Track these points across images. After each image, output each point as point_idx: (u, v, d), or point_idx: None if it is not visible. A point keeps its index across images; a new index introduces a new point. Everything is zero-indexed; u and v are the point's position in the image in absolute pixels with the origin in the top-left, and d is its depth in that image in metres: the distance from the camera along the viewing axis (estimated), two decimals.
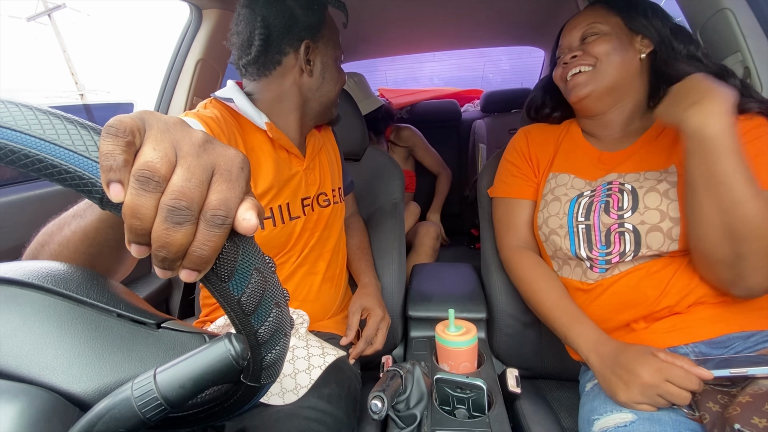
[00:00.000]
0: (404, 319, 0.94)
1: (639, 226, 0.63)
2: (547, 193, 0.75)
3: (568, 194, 0.72)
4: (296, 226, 0.74)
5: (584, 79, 0.70)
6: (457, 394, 0.63)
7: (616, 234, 0.65)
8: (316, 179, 0.80)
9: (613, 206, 0.66)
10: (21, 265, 0.31)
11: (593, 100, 0.71)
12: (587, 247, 0.68)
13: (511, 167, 0.83)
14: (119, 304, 0.31)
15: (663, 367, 0.52)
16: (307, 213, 0.76)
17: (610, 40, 0.68)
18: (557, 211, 0.72)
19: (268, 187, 0.68)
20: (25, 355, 0.26)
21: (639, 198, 0.64)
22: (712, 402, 0.52)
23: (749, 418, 0.45)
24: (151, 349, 0.30)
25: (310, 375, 0.65)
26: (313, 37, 0.69)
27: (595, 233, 0.67)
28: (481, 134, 1.92)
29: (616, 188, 0.67)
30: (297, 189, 0.74)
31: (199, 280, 0.23)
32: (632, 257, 0.63)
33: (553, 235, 0.72)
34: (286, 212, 0.72)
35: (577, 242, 0.69)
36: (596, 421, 0.58)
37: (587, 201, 0.69)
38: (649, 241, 0.62)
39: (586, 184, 0.71)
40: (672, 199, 0.61)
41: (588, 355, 0.61)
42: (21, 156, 0.20)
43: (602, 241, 0.66)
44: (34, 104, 0.21)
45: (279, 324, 0.28)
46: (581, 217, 0.69)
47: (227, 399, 0.32)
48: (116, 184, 0.20)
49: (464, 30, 1.56)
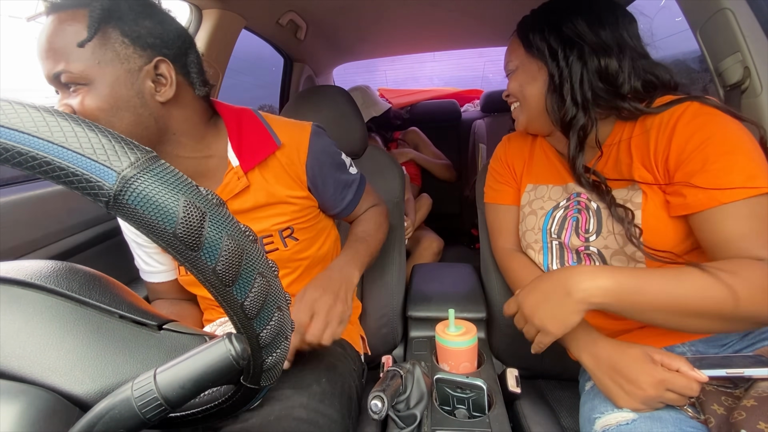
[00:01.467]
0: (404, 319, 0.94)
1: (603, 250, 0.63)
2: (525, 206, 0.76)
3: (545, 207, 0.72)
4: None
5: (517, 114, 0.73)
6: (457, 394, 0.63)
7: (584, 254, 0.66)
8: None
9: (582, 227, 0.66)
10: (23, 265, 0.31)
11: (533, 128, 0.73)
12: (559, 263, 0.69)
13: (495, 174, 0.84)
14: (121, 305, 0.31)
15: (666, 379, 0.51)
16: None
17: (517, 77, 0.69)
18: (533, 225, 0.73)
19: None
20: (27, 356, 0.26)
21: (602, 221, 0.63)
22: (717, 404, 0.52)
23: (755, 424, 0.45)
24: (152, 351, 0.30)
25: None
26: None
27: (567, 251, 0.68)
28: (481, 134, 1.92)
29: (583, 204, 0.67)
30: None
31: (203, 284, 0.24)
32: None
33: (529, 249, 0.73)
34: None
35: (550, 257, 0.70)
36: (597, 419, 0.58)
37: (561, 215, 0.69)
38: (615, 263, 0.62)
39: (563, 190, 0.71)
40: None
41: (580, 355, 0.61)
42: (28, 158, 0.20)
43: (574, 258, 0.67)
44: (41, 105, 0.21)
45: (280, 327, 0.28)
46: (554, 234, 0.69)
47: (227, 400, 0.32)
48: None
49: (464, 30, 1.56)
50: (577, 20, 0.61)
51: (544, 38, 0.64)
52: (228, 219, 0.24)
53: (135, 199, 0.21)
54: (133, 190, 0.21)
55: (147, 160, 0.22)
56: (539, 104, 0.67)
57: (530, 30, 0.66)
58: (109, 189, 0.21)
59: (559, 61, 0.62)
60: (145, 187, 0.21)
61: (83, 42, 0.51)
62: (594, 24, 0.61)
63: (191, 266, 0.23)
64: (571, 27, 0.61)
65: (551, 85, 0.64)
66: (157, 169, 0.22)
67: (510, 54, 0.72)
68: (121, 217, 0.22)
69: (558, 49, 0.62)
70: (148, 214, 0.21)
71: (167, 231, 0.22)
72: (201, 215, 0.22)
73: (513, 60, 0.71)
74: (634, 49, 0.62)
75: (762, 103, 0.73)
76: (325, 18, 1.32)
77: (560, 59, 0.62)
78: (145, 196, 0.21)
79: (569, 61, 0.61)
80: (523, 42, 0.68)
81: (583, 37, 0.61)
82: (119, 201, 0.21)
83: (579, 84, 0.61)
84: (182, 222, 0.22)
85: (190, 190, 0.22)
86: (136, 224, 0.22)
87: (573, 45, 0.61)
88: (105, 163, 0.21)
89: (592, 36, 0.60)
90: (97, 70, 0.53)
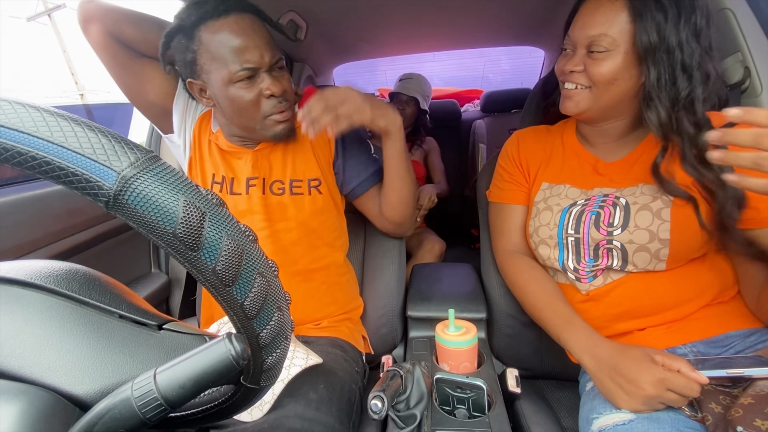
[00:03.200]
0: (404, 319, 0.94)
1: (627, 245, 0.62)
2: (539, 202, 0.74)
3: (561, 204, 0.70)
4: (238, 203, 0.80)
5: (578, 97, 0.64)
6: (457, 394, 0.63)
7: (604, 249, 0.64)
8: (266, 166, 0.81)
9: (604, 220, 0.64)
10: (23, 265, 0.31)
11: (585, 117, 0.68)
12: (575, 259, 0.68)
13: (503, 173, 0.82)
14: (121, 305, 0.31)
15: (665, 378, 0.52)
16: (251, 193, 0.80)
17: (614, 63, 0.59)
18: (548, 221, 0.70)
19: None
20: (27, 356, 0.26)
21: (630, 215, 0.62)
22: (714, 403, 0.52)
23: (751, 421, 0.45)
24: (152, 351, 0.30)
25: (273, 389, 0.60)
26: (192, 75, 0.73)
27: (584, 247, 0.66)
28: (481, 134, 1.92)
29: (610, 201, 0.65)
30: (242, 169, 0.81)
31: (203, 284, 0.24)
32: (620, 272, 0.64)
33: (543, 245, 0.71)
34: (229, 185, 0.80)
35: (566, 254, 0.68)
36: (595, 420, 0.58)
37: (579, 210, 0.67)
38: (636, 260, 0.61)
39: (582, 193, 0.69)
40: (664, 219, 0.59)
41: (581, 356, 0.61)
42: (28, 158, 0.20)
43: (591, 255, 0.66)
44: (41, 105, 0.21)
45: (280, 327, 0.28)
46: (571, 230, 0.67)
47: (227, 400, 0.32)
48: None
49: (464, 30, 1.56)
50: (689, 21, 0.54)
51: (676, 25, 0.54)
52: (228, 219, 0.24)
53: (135, 199, 0.21)
54: (133, 190, 0.21)
55: (147, 160, 0.22)
56: (615, 96, 0.61)
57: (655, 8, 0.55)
58: (108, 189, 0.21)
59: (682, 40, 0.53)
60: (145, 187, 0.21)
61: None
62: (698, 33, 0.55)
63: (191, 266, 0.23)
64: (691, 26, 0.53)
65: (665, 73, 0.55)
66: (157, 169, 0.22)
67: (611, 23, 0.57)
68: (121, 217, 0.22)
69: (681, 18, 0.53)
70: (148, 214, 0.21)
71: (167, 231, 0.22)
72: (201, 215, 0.22)
73: (612, 37, 0.57)
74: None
75: (762, 103, 0.73)
76: (325, 18, 1.32)
77: (681, 33, 0.53)
78: (144, 196, 0.21)
79: (688, 38, 0.52)
80: (631, 10, 0.56)
81: (697, 7, 0.53)
82: (119, 201, 0.21)
83: (698, 70, 0.53)
84: (182, 222, 0.22)
85: (189, 190, 0.22)
86: (135, 224, 0.22)
87: (690, 13, 0.53)
88: (105, 163, 0.21)
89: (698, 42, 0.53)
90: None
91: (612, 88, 0.60)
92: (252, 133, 0.77)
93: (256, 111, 0.72)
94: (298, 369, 0.63)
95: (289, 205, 0.81)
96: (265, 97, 0.71)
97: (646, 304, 0.63)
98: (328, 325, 0.83)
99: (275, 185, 0.81)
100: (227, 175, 0.80)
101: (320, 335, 0.81)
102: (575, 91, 0.64)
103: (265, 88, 0.70)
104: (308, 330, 0.82)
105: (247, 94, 0.70)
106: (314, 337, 0.80)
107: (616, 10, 0.57)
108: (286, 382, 0.61)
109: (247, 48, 0.67)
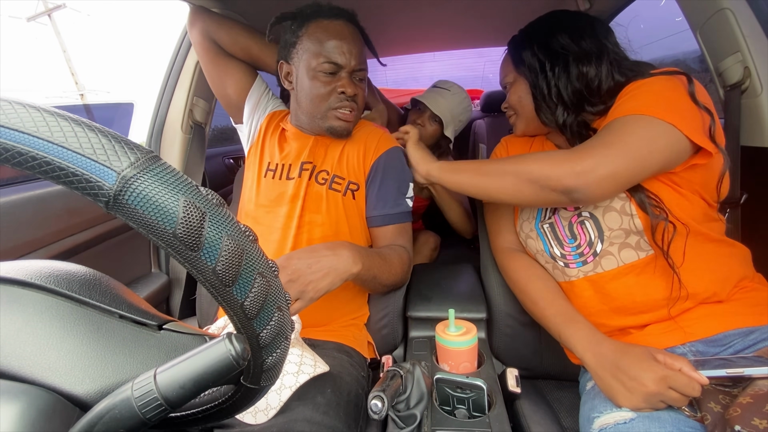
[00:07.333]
0: (404, 319, 0.94)
1: (594, 210, 0.66)
2: None
3: None
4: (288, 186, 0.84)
5: (514, 121, 0.84)
6: (457, 394, 0.63)
7: (577, 225, 0.68)
8: (322, 155, 0.86)
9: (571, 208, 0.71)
10: (23, 265, 0.31)
11: (531, 130, 0.82)
12: (558, 244, 0.71)
13: None
14: (121, 305, 0.31)
15: (667, 376, 0.52)
16: (303, 177, 0.84)
17: (516, 90, 0.79)
18: (528, 216, 0.77)
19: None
20: (28, 356, 0.26)
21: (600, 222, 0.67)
22: (714, 402, 0.52)
23: (749, 420, 0.46)
24: (152, 351, 0.30)
25: (280, 396, 0.60)
26: (286, 57, 0.84)
27: (559, 228, 0.71)
28: (481, 134, 1.92)
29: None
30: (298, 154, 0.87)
31: (203, 284, 0.24)
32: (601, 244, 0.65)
33: (529, 239, 0.76)
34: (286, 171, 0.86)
35: (548, 242, 0.73)
36: (596, 419, 0.58)
37: None
38: (609, 222, 0.64)
39: None
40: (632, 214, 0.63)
41: (583, 354, 0.61)
42: (28, 158, 0.20)
43: (568, 234, 0.69)
44: (41, 105, 0.21)
45: (280, 327, 0.28)
46: (545, 217, 0.73)
47: (227, 400, 0.32)
48: None
49: (464, 30, 1.56)
50: (561, 35, 0.70)
51: (534, 53, 0.72)
52: (228, 219, 0.24)
53: (135, 199, 0.21)
54: (133, 190, 0.21)
55: (147, 160, 0.22)
56: (533, 110, 0.75)
57: (520, 47, 0.75)
58: (108, 189, 0.21)
59: (547, 72, 0.71)
60: (145, 187, 0.21)
61: None
62: (575, 37, 0.70)
63: (191, 266, 0.23)
64: (556, 41, 0.70)
65: (541, 94, 0.73)
66: (157, 169, 0.22)
67: (504, 70, 0.82)
68: (121, 217, 0.22)
69: (546, 62, 0.71)
70: (148, 214, 0.21)
71: (167, 231, 0.22)
72: (201, 215, 0.22)
73: (507, 75, 0.81)
74: (615, 53, 0.70)
75: (762, 103, 0.73)
76: None
77: (548, 70, 0.71)
78: (145, 196, 0.21)
79: (556, 71, 0.70)
80: (513, 59, 0.77)
81: (567, 48, 0.69)
82: (119, 201, 0.21)
83: (566, 90, 0.70)
84: (182, 222, 0.22)
85: (190, 190, 0.22)
86: (136, 224, 0.22)
87: (558, 57, 0.70)
88: (105, 163, 0.21)
89: (575, 47, 0.69)
90: None
91: (524, 106, 0.78)
92: (313, 120, 0.84)
93: (324, 102, 0.81)
94: (306, 377, 0.63)
95: (325, 199, 0.83)
96: (337, 93, 0.80)
97: (639, 301, 0.63)
98: (334, 329, 0.83)
99: (321, 175, 0.85)
100: (285, 162, 0.87)
101: (327, 339, 0.81)
102: (511, 118, 0.85)
103: (340, 85, 0.79)
104: (316, 333, 0.82)
105: (323, 88, 0.79)
106: (321, 340, 0.81)
107: (506, 62, 0.81)
108: (294, 390, 0.61)
109: (339, 48, 0.78)
